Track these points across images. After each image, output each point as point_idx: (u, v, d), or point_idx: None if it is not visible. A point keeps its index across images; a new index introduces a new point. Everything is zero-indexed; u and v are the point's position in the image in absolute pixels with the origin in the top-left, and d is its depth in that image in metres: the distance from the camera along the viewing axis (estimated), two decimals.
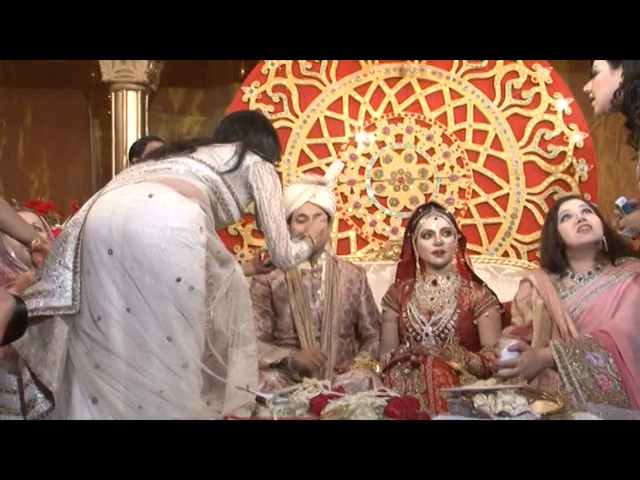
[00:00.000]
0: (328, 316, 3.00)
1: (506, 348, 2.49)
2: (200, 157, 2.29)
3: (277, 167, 2.51)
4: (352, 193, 3.92)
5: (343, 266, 3.20)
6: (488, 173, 3.86)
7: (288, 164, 3.94)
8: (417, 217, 3.16)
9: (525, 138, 3.85)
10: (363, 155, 3.94)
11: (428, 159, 3.89)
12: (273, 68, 4.01)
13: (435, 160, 3.88)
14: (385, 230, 3.89)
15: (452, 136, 3.89)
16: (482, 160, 3.87)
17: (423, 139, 3.90)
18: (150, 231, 1.98)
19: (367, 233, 3.90)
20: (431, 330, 2.99)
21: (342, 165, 3.74)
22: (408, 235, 3.20)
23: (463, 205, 3.86)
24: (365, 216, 3.91)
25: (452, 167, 3.87)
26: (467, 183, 3.86)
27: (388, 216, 3.90)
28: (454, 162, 3.87)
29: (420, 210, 3.19)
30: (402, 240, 3.34)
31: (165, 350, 1.97)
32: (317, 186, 3.07)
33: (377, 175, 3.92)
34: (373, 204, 3.91)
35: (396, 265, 3.42)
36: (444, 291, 3.07)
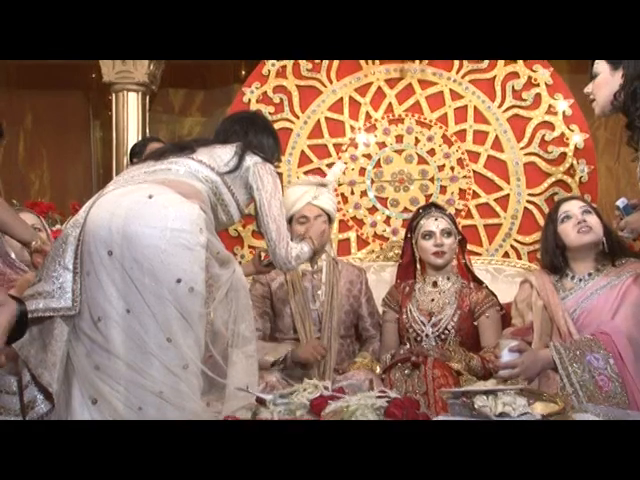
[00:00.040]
0: (328, 317, 3.00)
1: (506, 349, 2.49)
2: (200, 158, 2.29)
3: (277, 168, 2.51)
4: (352, 194, 3.92)
5: (343, 267, 3.19)
6: (488, 174, 3.86)
7: (288, 165, 3.94)
8: (417, 218, 3.16)
9: (525, 139, 3.85)
10: (363, 156, 3.94)
11: (429, 160, 3.89)
12: (274, 69, 4.01)
13: (435, 161, 3.88)
14: (385, 231, 3.89)
15: (452, 137, 3.89)
16: (482, 161, 3.87)
17: (424, 140, 3.90)
18: (150, 232, 1.97)
19: (367, 234, 3.90)
20: (431, 331, 2.99)
21: (344, 167, 3.74)
22: (408, 236, 3.20)
23: (463, 206, 3.86)
24: (365, 217, 3.91)
25: (452, 168, 3.87)
26: (467, 184, 3.86)
27: (388, 217, 3.90)
28: (454, 163, 3.87)
29: (420, 211, 3.19)
30: (402, 241, 3.34)
31: (165, 351, 1.97)
32: (318, 187, 3.06)
33: (377, 176, 3.92)
34: (373, 205, 3.91)
35: (396, 266, 3.42)
36: (444, 292, 3.07)
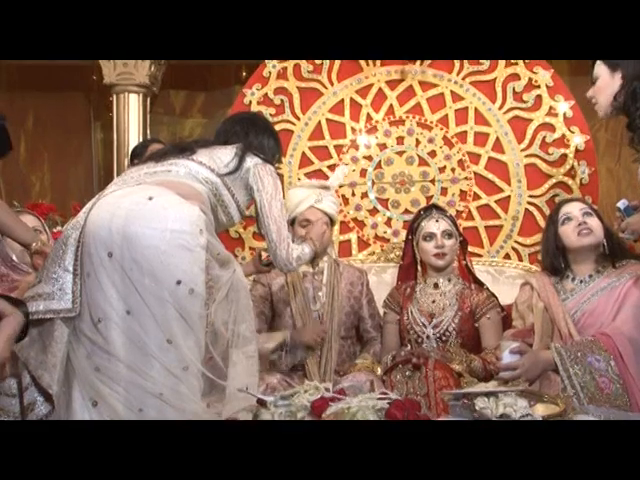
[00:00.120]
0: (329, 318, 3.00)
1: (507, 350, 2.49)
2: (200, 159, 2.29)
3: (278, 169, 2.51)
4: (353, 195, 3.92)
5: (344, 269, 3.19)
6: (489, 175, 3.86)
7: (289, 166, 3.93)
8: (418, 219, 3.15)
9: (526, 140, 3.85)
10: (364, 157, 3.93)
11: (429, 161, 3.89)
12: (274, 70, 4.00)
13: (436, 162, 3.88)
14: (386, 232, 3.89)
15: (453, 138, 3.88)
16: (483, 162, 3.86)
17: (424, 141, 3.90)
18: (150, 233, 1.98)
19: (368, 235, 3.90)
20: (432, 332, 2.98)
21: (347, 170, 3.72)
22: (409, 237, 3.20)
23: (464, 207, 3.85)
24: (366, 218, 3.91)
25: (453, 169, 3.87)
26: (468, 185, 3.86)
27: (389, 218, 3.90)
28: (455, 164, 3.87)
29: (421, 212, 3.19)
30: (403, 242, 3.34)
31: (165, 353, 1.97)
32: (321, 190, 3.06)
33: (378, 177, 3.91)
34: (374, 206, 3.91)
35: (397, 267, 3.42)
36: (445, 294, 3.07)
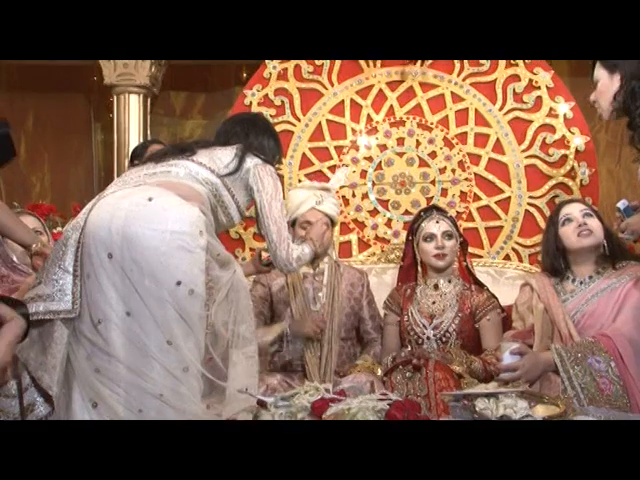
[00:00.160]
0: (329, 319, 3.00)
1: (508, 351, 2.49)
2: (200, 160, 2.28)
3: (278, 170, 2.50)
4: (354, 196, 3.92)
5: (345, 270, 3.20)
6: (490, 176, 3.86)
7: (290, 167, 3.93)
8: (419, 220, 3.15)
9: (526, 141, 3.85)
10: (365, 158, 3.93)
11: (430, 162, 3.89)
12: (275, 71, 4.00)
13: (437, 163, 3.88)
14: (387, 233, 3.89)
15: (454, 139, 3.88)
16: (484, 163, 3.86)
17: (425, 142, 3.90)
18: (150, 234, 1.97)
19: (369, 236, 3.90)
20: (432, 334, 2.98)
21: (347, 172, 3.70)
22: (410, 238, 3.20)
23: (465, 208, 3.85)
24: (367, 219, 3.91)
25: (454, 170, 3.87)
26: (469, 186, 3.86)
27: (390, 219, 3.90)
28: (455, 165, 3.87)
29: (422, 213, 3.19)
30: (404, 243, 3.34)
31: (165, 354, 1.97)
32: (322, 192, 3.06)
33: (379, 178, 3.91)
34: (375, 207, 3.91)
35: (397, 268, 3.42)
36: (445, 295, 3.07)
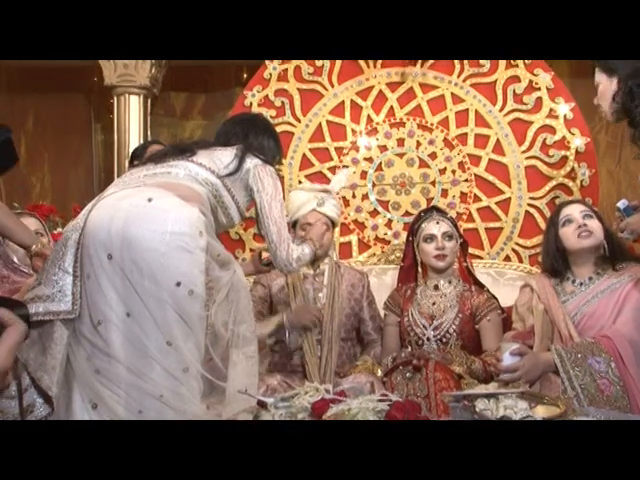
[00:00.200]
0: (329, 319, 2.99)
1: (508, 352, 2.48)
2: (200, 160, 2.28)
3: (279, 171, 2.50)
4: (354, 197, 3.92)
5: (346, 270, 3.20)
6: (490, 177, 3.86)
7: (290, 168, 3.94)
8: (419, 221, 3.15)
9: (527, 142, 3.85)
10: (365, 159, 3.94)
11: (430, 163, 3.89)
12: (275, 72, 4.01)
13: (437, 164, 3.88)
14: (387, 234, 3.89)
15: (454, 140, 3.89)
16: (484, 164, 3.87)
17: (425, 143, 3.90)
18: (150, 235, 1.97)
19: (369, 237, 3.90)
20: (433, 334, 2.98)
21: (348, 173, 3.66)
22: (410, 239, 3.20)
23: (465, 209, 3.86)
24: (367, 220, 3.91)
25: (454, 171, 3.87)
26: (469, 187, 3.86)
27: (390, 220, 3.90)
28: (456, 166, 3.87)
29: (422, 214, 3.19)
30: (404, 244, 3.34)
31: (165, 355, 1.96)
32: (323, 194, 3.06)
33: (379, 179, 3.91)
34: (375, 208, 3.91)
35: (398, 269, 3.42)
36: (446, 295, 3.06)
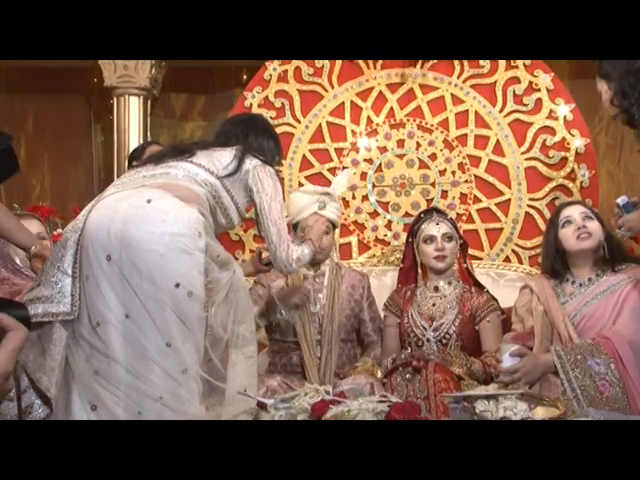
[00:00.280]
0: (329, 320, 2.99)
1: (507, 353, 2.49)
2: (199, 161, 2.28)
3: (279, 171, 2.50)
4: (354, 198, 3.92)
5: (346, 272, 3.19)
6: (490, 178, 3.86)
7: (290, 169, 3.94)
8: (419, 222, 3.15)
9: (526, 144, 3.85)
10: (365, 160, 3.94)
11: (430, 164, 3.89)
12: (275, 73, 4.01)
13: (437, 165, 3.88)
14: (387, 235, 3.89)
15: (454, 141, 3.89)
16: (484, 165, 3.87)
17: (425, 144, 3.90)
18: (149, 237, 1.97)
19: (369, 238, 3.90)
20: (432, 336, 2.98)
21: (349, 174, 3.64)
22: (410, 240, 3.19)
23: (465, 210, 3.85)
24: (367, 221, 3.91)
25: (454, 172, 3.87)
26: (469, 188, 3.86)
27: (390, 221, 3.90)
28: (456, 167, 3.87)
29: (422, 215, 3.19)
30: (404, 245, 3.34)
31: (164, 356, 1.96)
32: (324, 197, 3.05)
33: (379, 180, 3.91)
34: (375, 209, 3.91)
35: (397, 270, 3.41)
36: (446, 297, 3.06)
